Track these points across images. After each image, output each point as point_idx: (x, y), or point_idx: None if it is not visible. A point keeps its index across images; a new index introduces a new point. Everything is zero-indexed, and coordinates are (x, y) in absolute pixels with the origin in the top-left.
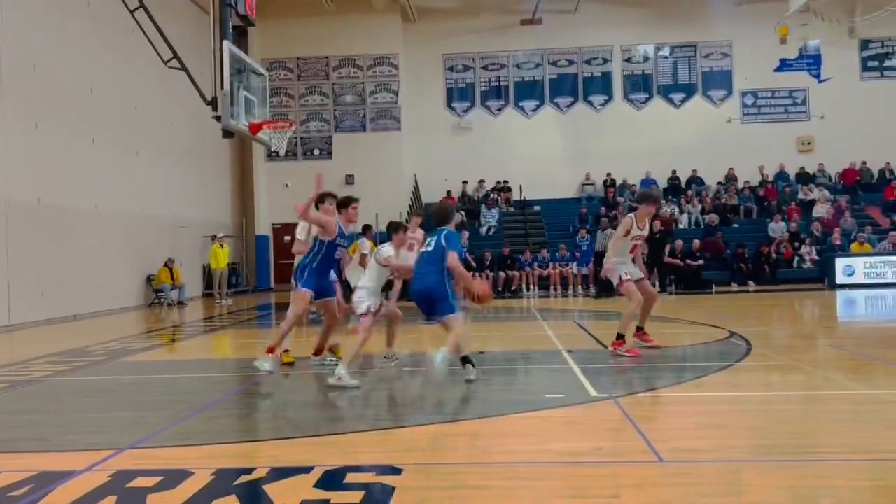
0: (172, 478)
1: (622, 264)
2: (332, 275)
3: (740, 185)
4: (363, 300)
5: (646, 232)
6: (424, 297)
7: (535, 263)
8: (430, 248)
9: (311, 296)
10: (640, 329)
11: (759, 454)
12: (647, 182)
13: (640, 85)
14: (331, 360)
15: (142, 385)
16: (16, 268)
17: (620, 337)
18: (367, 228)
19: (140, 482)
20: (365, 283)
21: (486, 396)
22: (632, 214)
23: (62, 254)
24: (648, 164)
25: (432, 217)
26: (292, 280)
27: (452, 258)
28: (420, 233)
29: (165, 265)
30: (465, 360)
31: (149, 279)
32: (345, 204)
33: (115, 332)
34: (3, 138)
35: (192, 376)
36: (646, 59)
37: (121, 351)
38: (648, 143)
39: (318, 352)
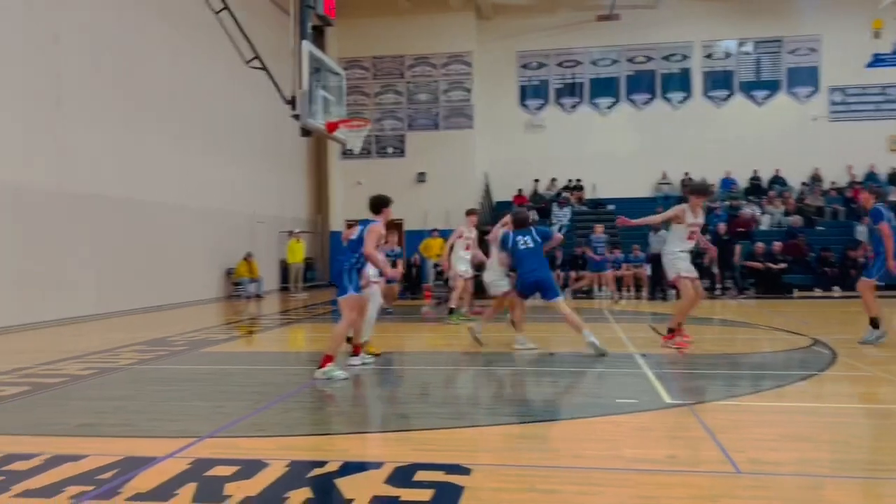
0: (249, 468)
1: (680, 260)
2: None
3: (826, 185)
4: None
5: (701, 221)
6: (539, 287)
7: (608, 264)
8: (531, 246)
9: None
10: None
11: (842, 470)
12: (727, 182)
13: (720, 82)
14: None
15: (221, 375)
16: (105, 260)
17: (671, 331)
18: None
19: (218, 471)
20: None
21: (556, 399)
22: (685, 204)
23: (148, 247)
24: (728, 162)
25: (514, 224)
26: (348, 282)
27: (557, 239)
28: (475, 233)
29: (244, 259)
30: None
31: (228, 272)
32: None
33: (196, 323)
34: (96, 136)
35: (268, 368)
36: (727, 55)
37: (202, 341)
38: (728, 142)
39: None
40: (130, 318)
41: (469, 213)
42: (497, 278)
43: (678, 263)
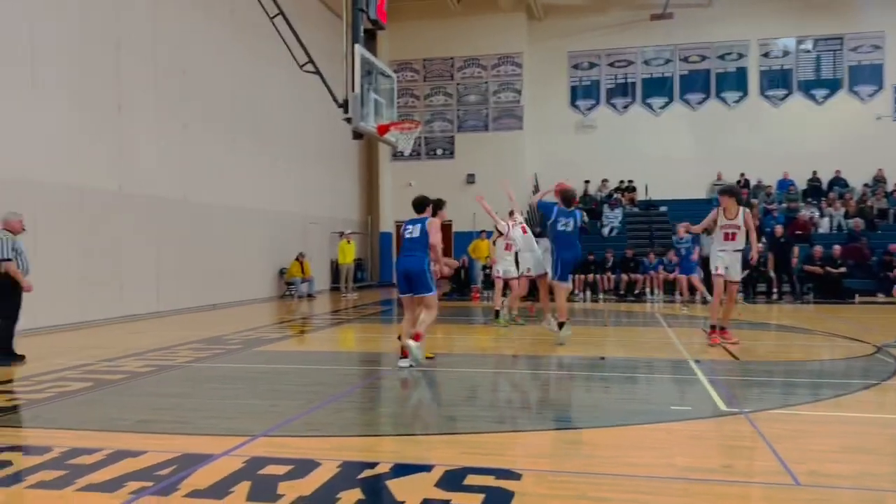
0: (302, 467)
1: (717, 258)
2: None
3: (889, 187)
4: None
5: (737, 222)
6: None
7: (661, 266)
8: (570, 229)
9: None
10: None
11: None
12: (785, 183)
13: (778, 81)
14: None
15: (274, 374)
16: (164, 259)
17: (713, 328)
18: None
19: (272, 469)
20: None
21: (607, 405)
22: (718, 207)
23: (204, 247)
24: (786, 164)
25: (562, 201)
26: (430, 280)
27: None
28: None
29: (297, 259)
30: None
31: (281, 272)
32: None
33: (250, 322)
34: (156, 139)
35: (319, 368)
36: (785, 53)
37: (255, 340)
38: (786, 142)
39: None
40: (187, 316)
41: (510, 214)
42: (507, 266)
43: (714, 261)
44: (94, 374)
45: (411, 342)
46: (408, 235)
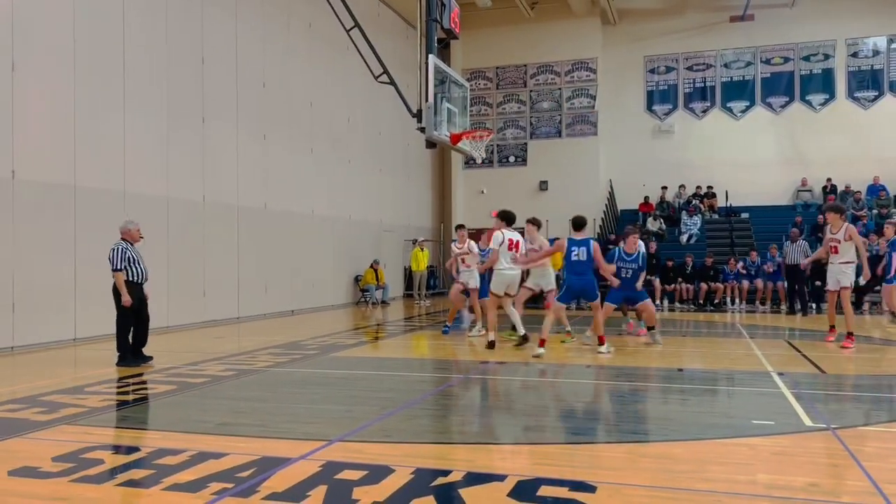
0: (376, 473)
1: (828, 272)
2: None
3: None
4: None
5: (840, 236)
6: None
7: (743, 270)
8: (582, 258)
9: None
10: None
11: None
12: (875, 189)
13: (867, 82)
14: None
15: (349, 380)
16: (244, 266)
17: (850, 334)
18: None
19: (347, 474)
20: None
21: (684, 418)
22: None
23: (283, 254)
24: (877, 168)
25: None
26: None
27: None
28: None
29: (371, 266)
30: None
31: (356, 279)
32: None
33: (326, 328)
34: (237, 149)
35: (394, 374)
36: (875, 52)
37: (331, 346)
38: (877, 145)
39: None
40: (266, 322)
41: (458, 227)
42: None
43: (842, 277)
44: (179, 377)
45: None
46: (574, 258)
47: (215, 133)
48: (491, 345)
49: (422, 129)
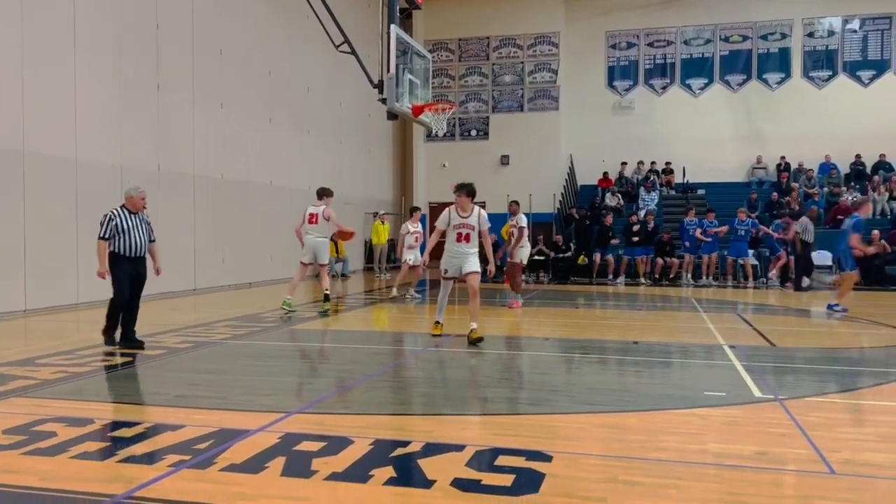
0: (335, 444)
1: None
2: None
3: None
4: None
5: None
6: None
7: (701, 236)
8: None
9: None
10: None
11: None
12: (826, 167)
13: (822, 61)
14: None
15: (309, 352)
16: (200, 237)
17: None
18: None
19: (306, 446)
20: None
21: (639, 389)
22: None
23: (240, 225)
24: (828, 146)
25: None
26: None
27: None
28: (419, 227)
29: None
30: None
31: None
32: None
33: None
34: (194, 117)
35: (353, 347)
36: (831, 32)
37: (290, 319)
38: (829, 125)
39: None
40: (224, 294)
41: (413, 210)
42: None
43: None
44: (135, 349)
45: None
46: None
47: (171, 101)
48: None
49: (383, 101)
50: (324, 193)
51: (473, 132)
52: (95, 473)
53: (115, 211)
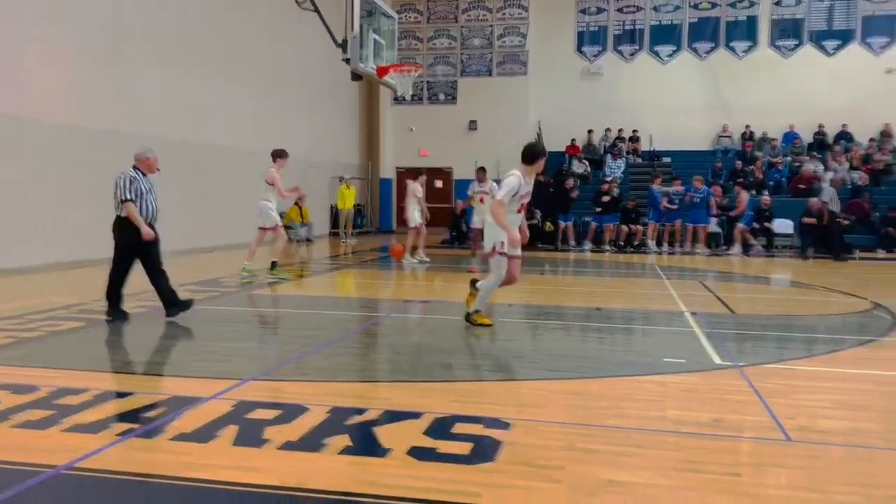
0: (290, 412)
1: None
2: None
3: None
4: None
5: None
6: None
7: (668, 204)
8: None
9: None
10: None
11: None
12: (790, 136)
13: (789, 30)
14: None
15: (269, 318)
16: (163, 200)
17: None
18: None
19: (260, 414)
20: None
21: (601, 356)
22: None
23: (203, 189)
24: (792, 116)
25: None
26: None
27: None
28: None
29: (296, 204)
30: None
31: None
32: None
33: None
34: (157, 79)
35: (316, 312)
36: (798, 2)
37: (252, 284)
38: (794, 94)
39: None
40: (185, 258)
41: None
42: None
43: None
44: (87, 313)
45: None
46: None
47: (133, 62)
48: None
49: (347, 61)
50: (274, 155)
51: (441, 96)
52: (37, 443)
53: (132, 172)
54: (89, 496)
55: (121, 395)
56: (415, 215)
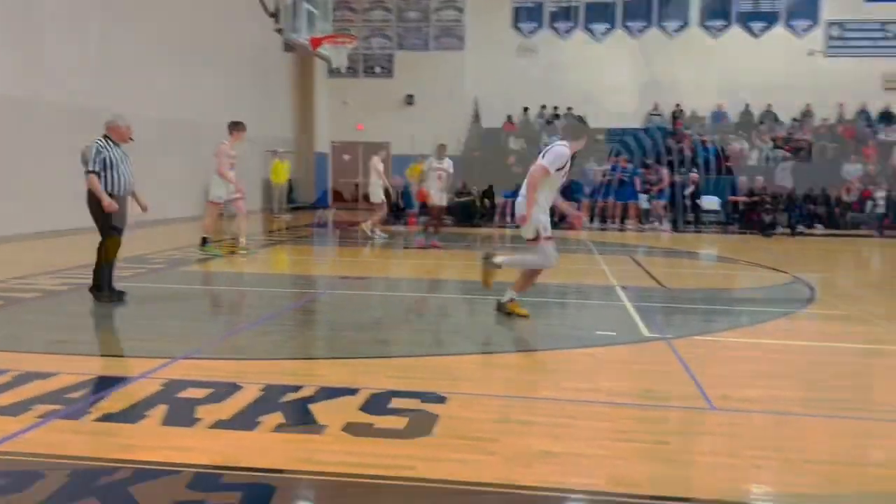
0: (222, 391)
1: None
2: None
3: (816, 122)
4: None
5: None
6: None
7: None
8: None
9: None
10: None
11: (815, 408)
12: (718, 115)
13: (718, 12)
14: None
15: (199, 295)
16: (81, 172)
17: None
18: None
19: (190, 392)
20: None
21: (535, 329)
22: None
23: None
24: (721, 95)
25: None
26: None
27: None
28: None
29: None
30: None
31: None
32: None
33: (174, 242)
34: (74, 44)
35: (248, 289)
36: None
37: (181, 260)
38: (722, 74)
39: None
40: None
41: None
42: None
43: None
44: (5, 291)
45: None
46: None
47: (46, 25)
48: None
49: (279, 31)
50: (230, 127)
51: (378, 69)
52: None
53: (100, 142)
54: (9, 480)
55: (42, 375)
56: (378, 191)
